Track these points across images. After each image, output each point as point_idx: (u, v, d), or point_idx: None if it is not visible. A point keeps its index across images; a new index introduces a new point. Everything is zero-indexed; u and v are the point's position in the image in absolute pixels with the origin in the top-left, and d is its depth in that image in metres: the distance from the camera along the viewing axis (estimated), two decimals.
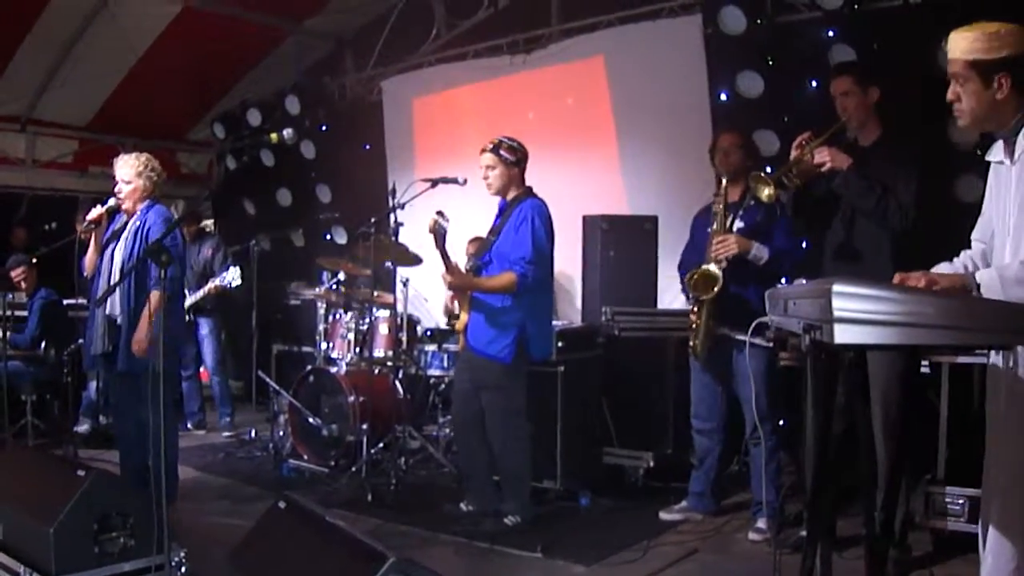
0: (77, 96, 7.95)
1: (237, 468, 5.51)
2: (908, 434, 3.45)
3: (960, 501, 3.62)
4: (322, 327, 5.93)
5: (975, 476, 2.50)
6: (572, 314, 5.82)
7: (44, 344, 6.15)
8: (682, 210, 4.81)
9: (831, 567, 2.28)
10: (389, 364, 5.61)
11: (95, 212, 4.41)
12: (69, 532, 2.88)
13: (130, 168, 4.35)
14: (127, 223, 4.36)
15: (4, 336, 5.56)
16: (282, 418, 5.79)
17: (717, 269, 3.97)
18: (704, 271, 4.00)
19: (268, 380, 5.86)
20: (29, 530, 2.99)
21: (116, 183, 4.37)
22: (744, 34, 5.51)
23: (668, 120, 5.97)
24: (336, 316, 5.87)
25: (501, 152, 4.22)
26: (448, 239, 4.20)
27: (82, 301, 5.65)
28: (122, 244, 4.32)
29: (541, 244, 4.13)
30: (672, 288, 4.81)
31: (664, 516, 4.33)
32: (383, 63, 7.80)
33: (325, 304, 5.94)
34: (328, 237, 8.12)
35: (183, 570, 3.07)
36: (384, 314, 5.71)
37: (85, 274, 4.49)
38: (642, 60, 6.12)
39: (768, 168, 4.14)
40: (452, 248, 4.31)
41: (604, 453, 4.97)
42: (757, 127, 5.23)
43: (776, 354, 4.11)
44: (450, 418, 5.14)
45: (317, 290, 6.14)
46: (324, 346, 5.88)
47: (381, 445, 5.17)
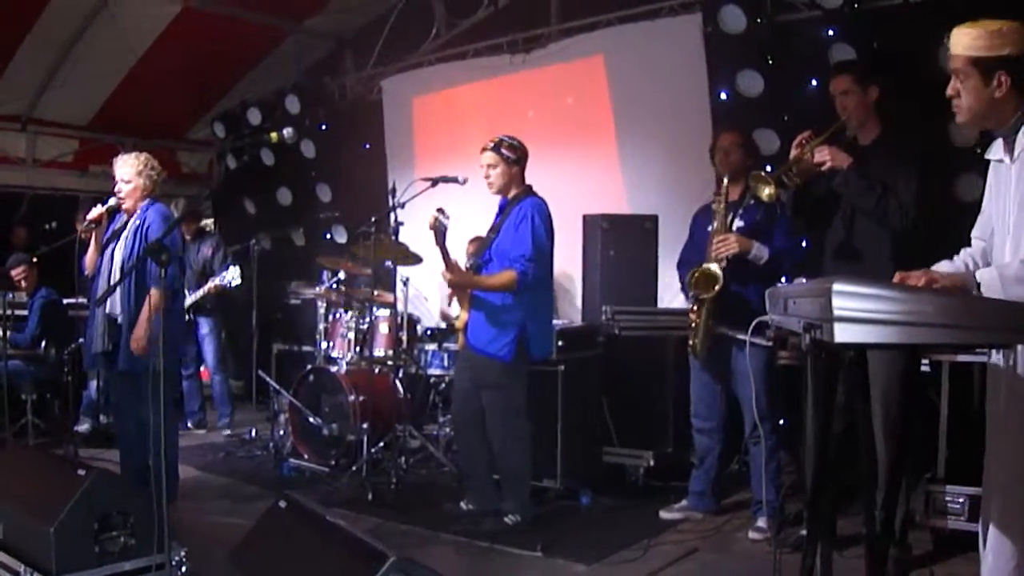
0: (77, 96, 7.96)
1: (237, 467, 5.51)
2: (908, 433, 3.45)
3: (960, 500, 3.62)
4: (322, 326, 5.93)
5: (975, 475, 2.50)
6: (572, 313, 5.82)
7: (44, 343, 6.15)
8: (682, 209, 4.80)
9: (831, 566, 2.28)
10: (389, 363, 5.61)
11: (95, 211, 4.41)
12: (69, 531, 2.88)
13: (130, 167, 4.35)
14: (127, 222, 4.37)
15: (4, 335, 5.56)
16: (282, 417, 5.79)
17: (718, 268, 3.97)
18: (705, 270, 4.00)
19: (268, 379, 5.86)
20: (29, 529, 3.00)
21: (116, 183, 4.38)
22: (744, 33, 5.52)
23: (668, 119, 5.97)
24: (336, 315, 5.87)
25: (502, 150, 4.22)
26: (448, 238, 4.21)
27: (82, 300, 5.65)
28: (122, 243, 4.32)
29: (541, 242, 4.13)
30: (672, 287, 4.81)
31: (664, 515, 4.34)
32: (383, 62, 7.80)
33: (325, 303, 5.94)
34: (328, 236, 8.12)
35: (183, 569, 3.07)
36: (384, 313, 5.70)
37: (86, 273, 4.50)
38: (642, 59, 6.11)
39: (768, 167, 4.14)
40: (452, 248, 4.32)
41: (604, 452, 4.97)
42: (757, 126, 5.23)
43: (775, 353, 4.12)
44: (450, 417, 5.14)
45: (317, 289, 6.14)
46: (324, 345, 5.89)
47: (381, 444, 5.17)
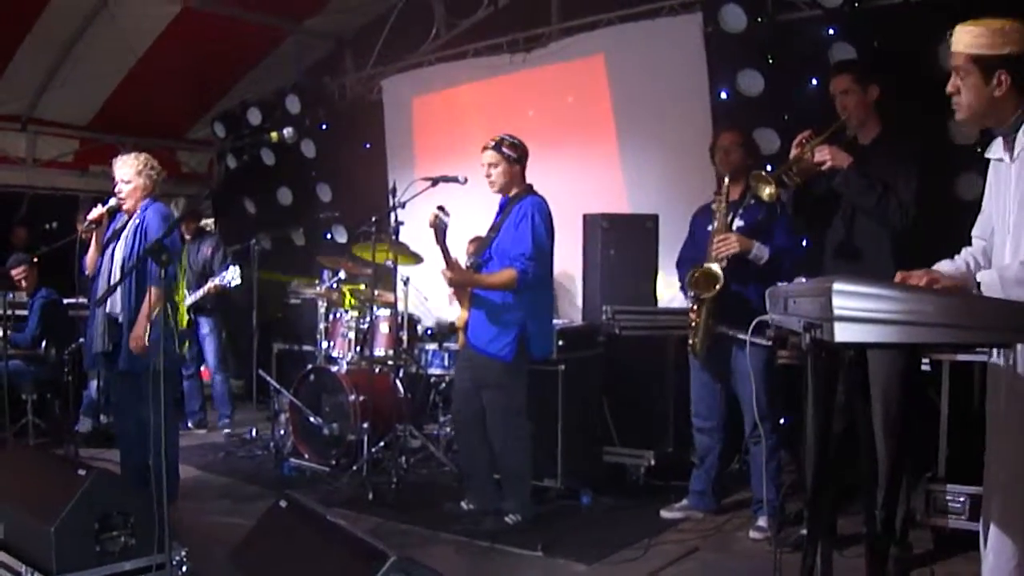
0: (77, 95, 7.96)
1: (238, 467, 5.51)
2: (908, 432, 3.45)
3: (961, 499, 3.62)
4: (323, 326, 5.93)
5: (976, 474, 2.50)
6: (573, 313, 5.82)
7: (44, 343, 6.15)
8: (683, 208, 4.80)
9: (832, 565, 2.28)
10: (390, 363, 5.61)
11: (96, 212, 4.41)
12: (70, 531, 2.88)
13: (129, 168, 4.36)
14: (127, 222, 4.37)
15: (4, 335, 5.56)
16: (283, 417, 5.79)
17: (718, 268, 3.96)
18: (705, 270, 3.99)
19: (269, 379, 5.87)
20: (30, 529, 3.00)
21: (116, 183, 4.38)
22: (744, 32, 5.52)
23: (668, 118, 5.97)
24: (337, 315, 5.87)
25: (503, 149, 4.21)
26: (448, 237, 4.21)
27: (83, 300, 5.65)
28: (122, 243, 4.32)
29: (541, 240, 4.13)
30: (673, 286, 4.81)
31: (665, 514, 4.34)
32: (383, 62, 7.80)
33: (326, 303, 5.94)
34: (328, 236, 8.12)
35: (184, 569, 3.07)
36: (385, 313, 5.70)
37: (86, 273, 4.50)
38: (642, 58, 6.11)
39: (768, 166, 4.14)
40: (452, 248, 4.31)
41: (605, 452, 4.96)
42: (757, 125, 5.23)
43: (775, 352, 4.12)
44: (451, 417, 5.14)
45: (318, 289, 6.14)
46: (325, 345, 5.89)
47: (382, 444, 5.17)
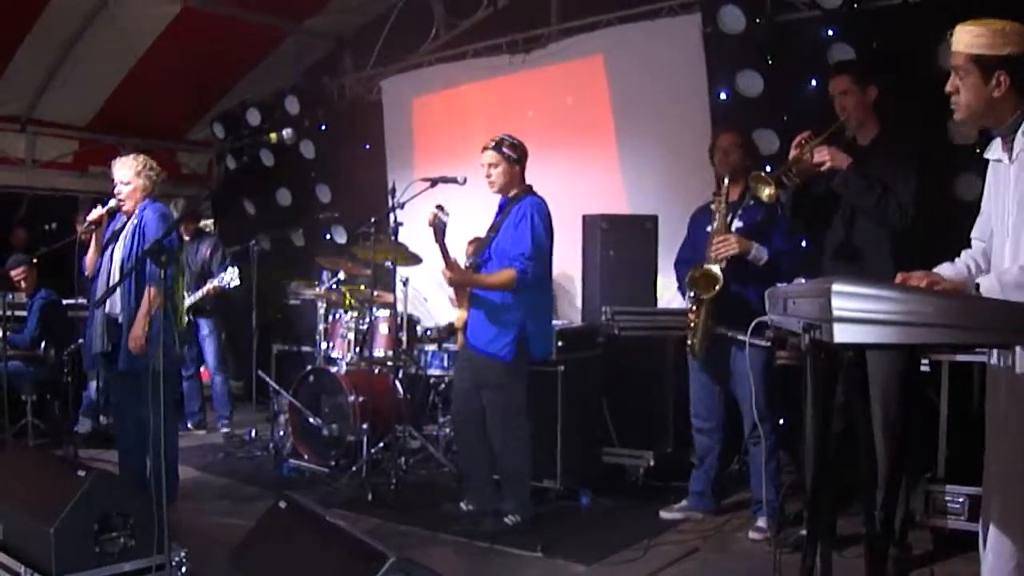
0: (77, 96, 7.96)
1: (237, 468, 5.51)
2: (908, 433, 3.45)
3: (960, 499, 3.62)
4: (322, 327, 5.93)
5: (975, 474, 2.50)
6: (572, 314, 5.81)
7: (44, 344, 6.15)
8: (682, 209, 4.80)
9: (831, 566, 2.28)
10: (389, 364, 5.61)
11: (96, 213, 4.42)
12: (70, 532, 2.88)
13: (128, 169, 4.36)
14: (126, 223, 4.37)
15: (4, 336, 5.56)
16: (282, 418, 5.79)
17: (718, 269, 3.96)
18: (705, 271, 3.99)
19: (268, 380, 5.86)
20: (30, 530, 3.00)
21: (115, 186, 4.38)
22: (743, 33, 5.52)
23: (668, 119, 5.97)
24: (336, 316, 5.86)
25: (503, 149, 4.21)
26: (448, 237, 4.20)
27: (82, 301, 5.65)
28: (121, 243, 4.33)
29: (541, 241, 4.13)
30: (672, 287, 4.81)
31: (664, 515, 4.33)
32: (383, 63, 7.80)
33: (325, 304, 5.94)
34: (328, 237, 8.12)
35: (183, 570, 3.07)
36: (384, 314, 5.70)
37: (86, 274, 4.50)
38: (642, 59, 6.11)
39: (768, 167, 4.14)
40: (451, 248, 4.31)
41: (604, 452, 4.96)
42: (757, 126, 5.23)
43: (774, 353, 4.12)
44: (450, 417, 5.14)
45: (317, 290, 6.14)
46: (324, 346, 5.88)
47: (381, 445, 5.17)
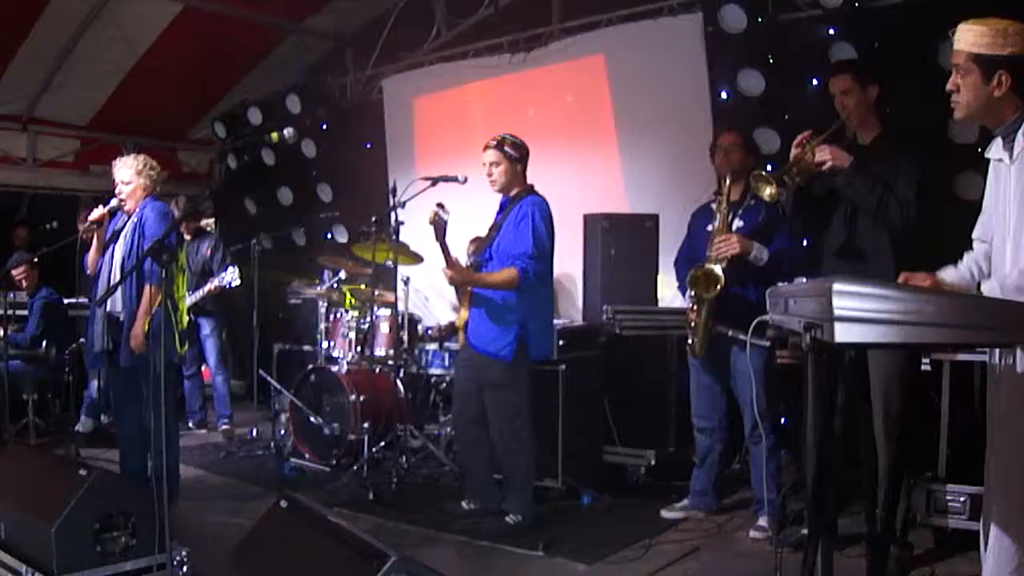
0: (78, 95, 7.96)
1: (238, 467, 5.51)
2: (909, 432, 3.45)
3: (961, 499, 3.62)
4: (323, 326, 5.93)
5: (976, 474, 2.50)
6: (573, 313, 5.82)
7: (45, 343, 6.16)
8: (683, 208, 4.80)
9: (832, 565, 2.27)
10: (390, 363, 5.61)
11: (97, 212, 4.42)
12: (71, 531, 2.88)
13: (129, 169, 4.37)
14: (127, 222, 4.37)
15: (5, 335, 5.57)
16: (283, 417, 5.80)
17: (719, 269, 3.96)
18: (707, 270, 3.99)
19: (269, 379, 5.87)
20: (31, 529, 3.00)
21: (116, 186, 4.38)
22: (745, 32, 5.50)
23: (669, 119, 5.97)
24: (337, 315, 5.87)
25: (505, 148, 4.21)
26: (448, 235, 4.20)
27: (83, 300, 5.66)
28: (121, 241, 4.34)
29: (542, 240, 4.12)
30: (673, 286, 4.81)
31: (666, 514, 4.34)
32: (383, 62, 7.80)
33: (326, 303, 5.94)
34: (329, 236, 8.12)
35: (184, 569, 3.07)
36: (385, 313, 5.70)
37: (88, 273, 4.51)
38: (643, 59, 6.11)
39: (769, 166, 4.14)
40: (452, 248, 4.31)
41: (605, 451, 4.97)
42: (758, 125, 5.22)
43: (774, 352, 4.11)
44: (451, 417, 5.14)
45: (318, 289, 6.14)
46: (325, 345, 5.89)
47: (382, 444, 5.18)
